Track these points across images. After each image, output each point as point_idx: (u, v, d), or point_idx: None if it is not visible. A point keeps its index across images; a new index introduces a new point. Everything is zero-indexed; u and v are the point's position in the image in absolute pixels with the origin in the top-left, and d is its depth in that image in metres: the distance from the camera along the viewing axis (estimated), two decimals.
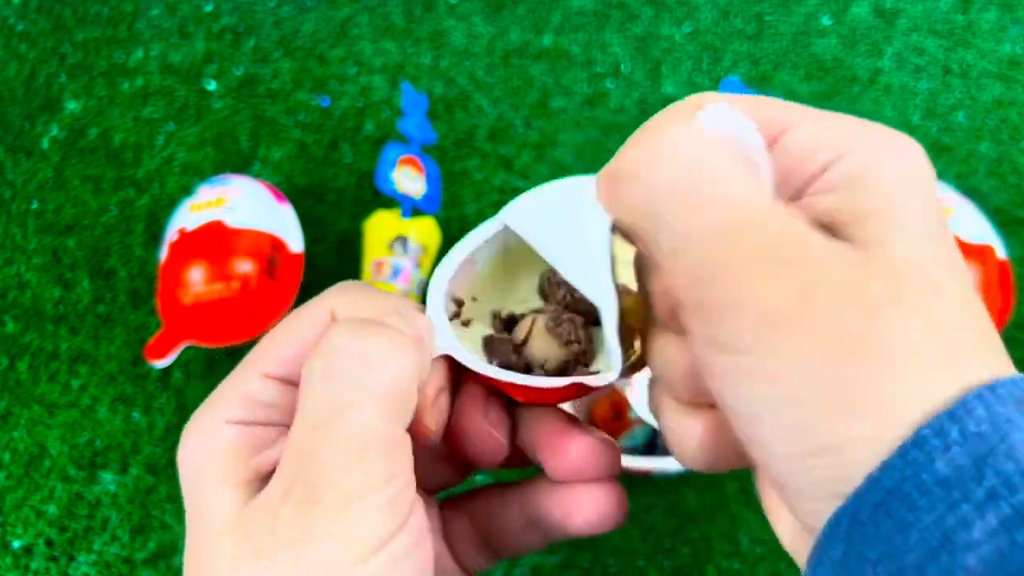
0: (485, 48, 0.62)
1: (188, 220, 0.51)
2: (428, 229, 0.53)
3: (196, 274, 0.49)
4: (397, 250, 0.52)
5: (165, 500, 0.49)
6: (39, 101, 0.62)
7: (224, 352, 0.53)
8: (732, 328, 0.17)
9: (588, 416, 0.49)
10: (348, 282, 0.25)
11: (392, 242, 0.52)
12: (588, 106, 0.60)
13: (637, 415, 0.47)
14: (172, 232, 0.51)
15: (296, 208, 0.53)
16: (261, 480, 0.22)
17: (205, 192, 0.52)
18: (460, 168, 0.58)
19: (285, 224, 0.52)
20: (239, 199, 0.51)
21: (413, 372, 0.22)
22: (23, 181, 0.59)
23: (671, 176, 0.18)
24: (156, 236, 0.56)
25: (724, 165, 0.18)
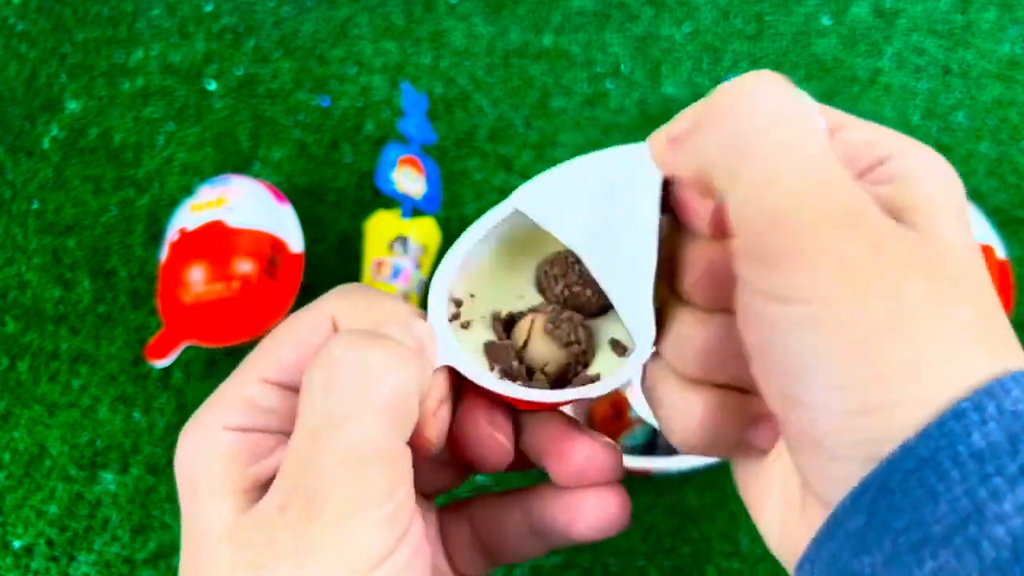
0: (485, 48, 0.62)
1: (188, 220, 0.51)
2: (428, 229, 0.53)
3: (196, 274, 0.49)
4: (397, 250, 0.52)
5: (165, 500, 0.50)
6: (39, 101, 0.62)
7: (224, 352, 0.53)
8: (801, 277, 0.17)
9: (588, 416, 0.49)
10: (349, 285, 0.25)
11: (392, 242, 0.52)
12: (588, 106, 0.60)
13: (637, 415, 0.47)
14: (172, 232, 0.51)
15: (296, 208, 0.53)
16: (259, 488, 0.22)
17: (205, 192, 0.52)
18: (460, 168, 0.58)
19: (285, 224, 0.52)
20: (239, 199, 0.51)
21: (414, 384, 0.22)
22: (23, 181, 0.59)
23: (762, 122, 0.18)
24: (156, 236, 0.56)
25: (809, 123, 0.19)
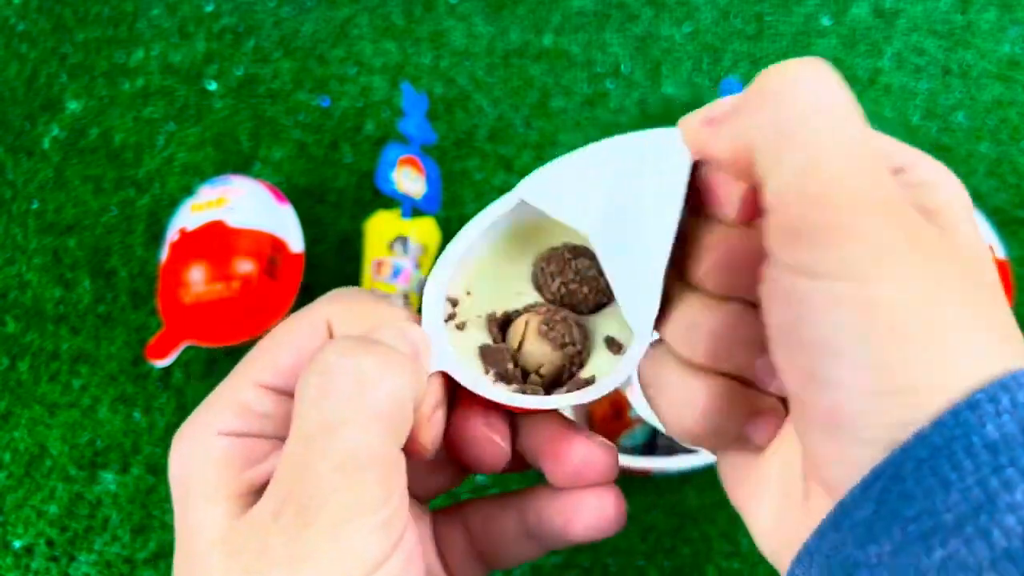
0: (485, 48, 0.62)
1: (189, 220, 0.51)
2: (428, 229, 0.53)
3: (197, 274, 0.49)
4: (397, 250, 0.52)
5: (165, 500, 0.50)
6: (40, 101, 0.62)
7: (224, 352, 0.53)
8: (840, 255, 0.18)
9: (588, 416, 0.49)
10: (344, 289, 0.25)
11: (392, 242, 0.52)
12: (588, 106, 0.60)
13: (637, 415, 0.47)
14: (173, 232, 0.51)
15: (296, 208, 0.53)
16: (253, 494, 0.22)
17: (206, 192, 0.52)
18: (460, 168, 0.58)
19: (285, 224, 0.52)
20: (240, 199, 0.51)
21: (408, 391, 0.22)
22: (24, 181, 0.59)
23: (808, 106, 0.18)
24: (157, 236, 0.56)
25: (852, 109, 0.19)
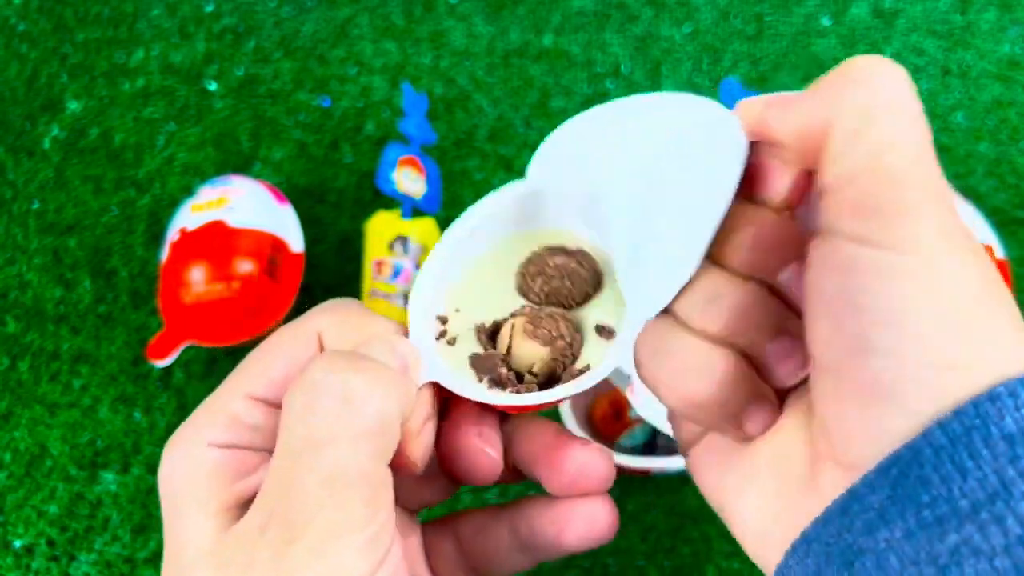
0: (485, 48, 0.62)
1: (189, 220, 0.51)
2: (428, 229, 0.53)
3: (197, 274, 0.49)
4: (397, 250, 0.52)
5: None
6: (40, 101, 0.62)
7: (225, 352, 0.53)
8: (908, 230, 0.18)
9: (588, 416, 0.49)
10: (336, 301, 0.25)
11: (392, 242, 0.52)
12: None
13: (637, 415, 0.47)
14: (173, 232, 0.51)
15: (296, 208, 0.53)
16: (242, 506, 0.22)
17: (206, 192, 0.52)
18: (460, 168, 0.58)
19: (286, 224, 0.52)
20: (240, 199, 0.51)
21: (395, 409, 0.22)
22: (24, 181, 0.59)
23: (892, 93, 0.20)
24: (157, 236, 0.56)
25: (920, 106, 0.20)
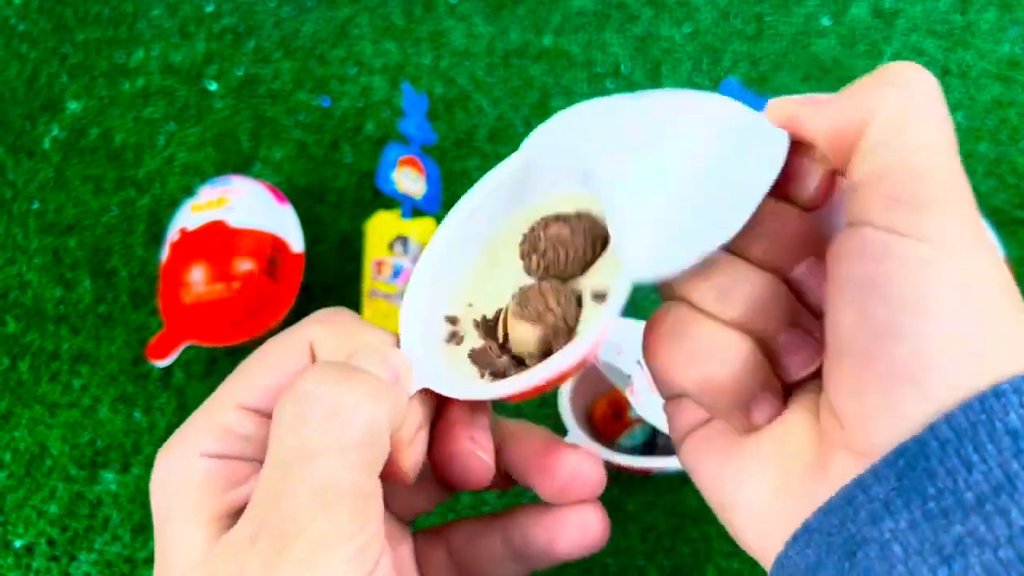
0: (485, 48, 0.62)
1: (189, 220, 0.51)
2: (428, 229, 0.53)
3: (197, 274, 0.49)
4: (397, 250, 0.52)
5: None
6: (40, 101, 0.62)
7: (225, 352, 0.53)
8: (938, 222, 0.19)
9: (588, 416, 0.49)
10: (329, 310, 0.25)
11: (392, 242, 0.52)
12: None
13: (637, 415, 0.47)
14: (173, 232, 0.51)
15: (296, 208, 0.53)
16: (233, 516, 0.22)
17: (206, 192, 0.52)
18: (460, 168, 0.58)
19: (286, 224, 0.52)
20: (240, 199, 0.51)
21: (385, 420, 0.22)
22: (24, 181, 0.59)
23: (933, 92, 0.21)
24: (157, 236, 0.56)
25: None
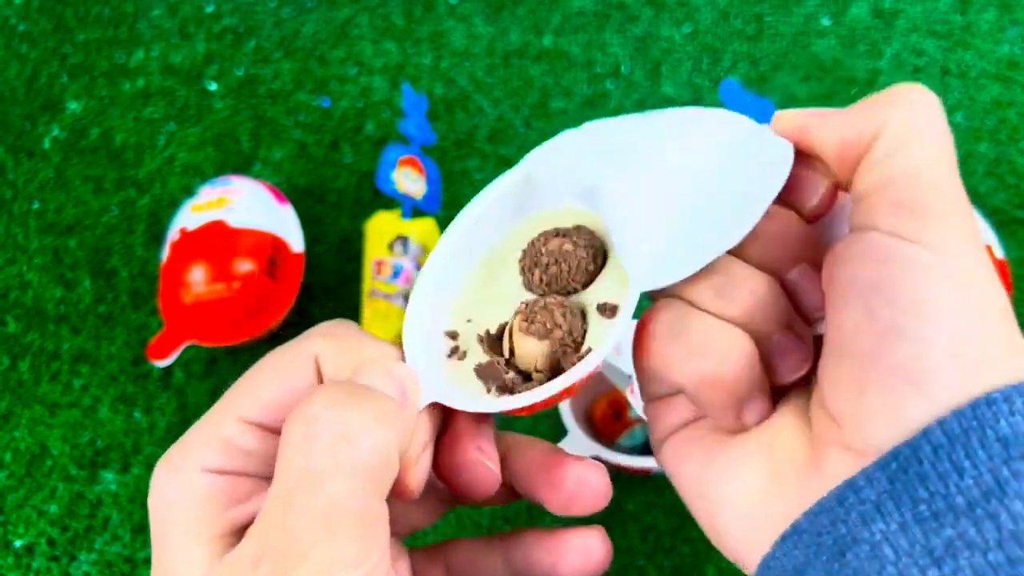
0: (485, 49, 0.62)
1: (189, 220, 0.51)
2: (428, 229, 0.53)
3: (197, 274, 0.49)
4: (398, 250, 0.52)
5: None
6: (40, 101, 0.62)
7: (225, 352, 0.53)
8: (941, 231, 0.20)
9: (588, 416, 0.49)
10: (333, 323, 0.25)
11: (393, 242, 0.52)
12: (588, 107, 0.60)
13: (637, 415, 0.47)
14: (174, 232, 0.51)
15: (296, 208, 0.53)
16: (235, 534, 0.22)
17: (206, 192, 0.52)
18: (460, 168, 0.58)
19: (286, 224, 0.52)
20: (240, 199, 0.52)
21: (394, 444, 0.21)
22: (24, 181, 0.59)
23: (937, 110, 0.22)
24: (157, 236, 0.56)
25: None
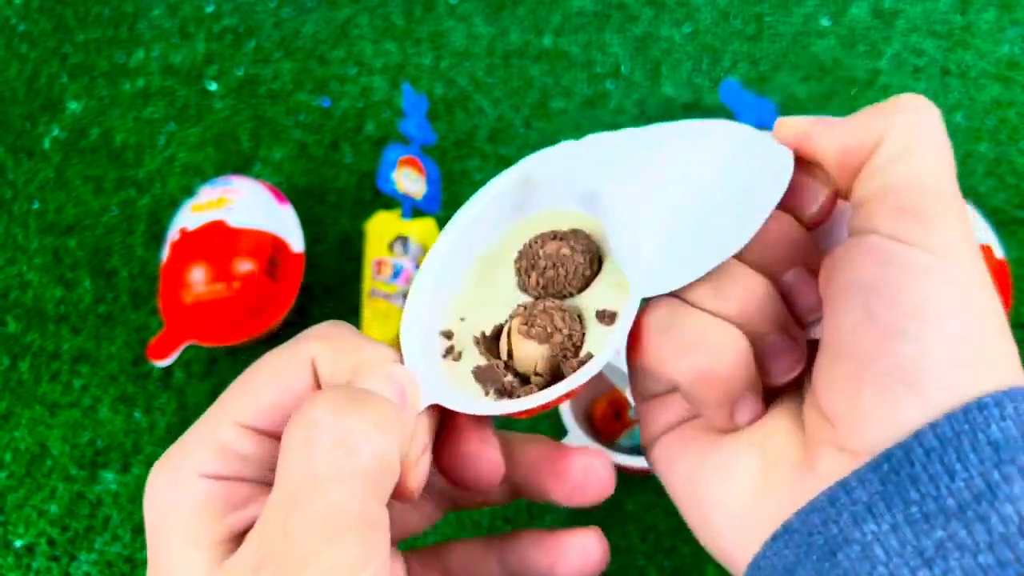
0: (485, 49, 0.62)
1: (189, 220, 0.51)
2: (428, 229, 0.53)
3: (197, 274, 0.49)
4: (397, 250, 0.52)
5: None
6: (40, 101, 0.62)
7: (225, 351, 0.53)
8: (940, 234, 0.21)
9: (588, 416, 0.49)
10: (329, 325, 0.25)
11: (393, 242, 0.52)
12: (588, 107, 0.60)
13: (637, 415, 0.47)
14: (174, 232, 0.51)
15: (296, 208, 0.53)
16: (234, 540, 0.22)
17: (206, 192, 0.52)
18: (460, 168, 0.58)
19: (286, 224, 0.52)
20: (240, 199, 0.52)
21: (394, 448, 0.21)
22: (24, 181, 0.59)
23: (938, 120, 0.23)
24: (157, 236, 0.56)
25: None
